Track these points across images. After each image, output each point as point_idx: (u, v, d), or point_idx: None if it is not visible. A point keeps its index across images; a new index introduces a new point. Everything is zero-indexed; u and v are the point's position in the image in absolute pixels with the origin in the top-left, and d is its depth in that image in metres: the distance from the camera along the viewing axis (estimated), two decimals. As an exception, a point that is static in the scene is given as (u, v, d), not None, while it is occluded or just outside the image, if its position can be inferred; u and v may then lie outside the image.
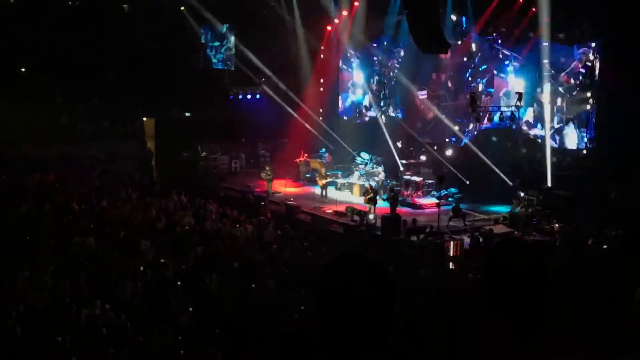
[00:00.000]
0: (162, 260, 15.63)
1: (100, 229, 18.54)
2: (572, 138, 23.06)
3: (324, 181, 25.51)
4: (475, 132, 26.27)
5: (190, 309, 12.51)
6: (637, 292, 3.00)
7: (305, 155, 29.60)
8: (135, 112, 31.56)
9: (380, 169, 26.59)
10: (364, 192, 23.13)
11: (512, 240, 2.52)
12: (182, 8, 31.04)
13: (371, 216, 21.88)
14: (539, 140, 23.99)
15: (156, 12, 29.76)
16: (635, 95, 19.63)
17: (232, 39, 32.63)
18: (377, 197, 22.71)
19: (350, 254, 2.14)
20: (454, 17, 25.40)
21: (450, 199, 23.82)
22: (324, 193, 25.37)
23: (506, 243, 2.49)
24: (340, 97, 32.90)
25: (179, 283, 14.29)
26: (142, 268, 15.41)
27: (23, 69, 30.56)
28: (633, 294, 3.12)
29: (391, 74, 29.53)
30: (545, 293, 2.30)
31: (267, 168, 27.21)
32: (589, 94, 22.01)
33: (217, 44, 33.29)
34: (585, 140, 22.48)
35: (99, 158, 29.07)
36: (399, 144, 28.54)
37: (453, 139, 27.17)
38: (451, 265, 18.89)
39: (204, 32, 32.78)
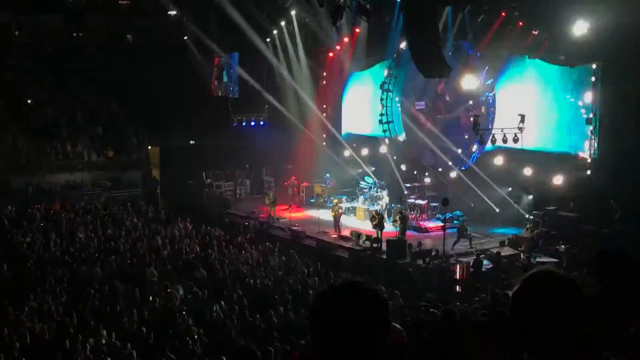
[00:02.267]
0: (168, 290, 15.60)
1: (106, 258, 18.57)
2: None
3: (334, 213, 24.38)
4: (479, 154, 26.28)
5: (196, 337, 12.48)
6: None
7: (293, 177, 29.78)
8: (140, 141, 31.80)
9: (385, 192, 26.59)
10: (370, 217, 23.10)
11: (545, 273, 2.34)
12: (185, 38, 31.36)
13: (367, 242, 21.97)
14: (542, 161, 23.99)
15: (159, 42, 30.08)
16: (637, 113, 19.74)
17: (236, 67, 32.88)
18: (384, 222, 22.66)
19: (345, 282, 2.13)
20: (455, 41, 25.56)
21: (455, 221, 23.80)
22: (338, 225, 24.18)
23: (538, 276, 2.32)
24: (343, 122, 33.04)
25: (184, 311, 14.26)
26: (148, 297, 15.42)
27: (29, 101, 30.86)
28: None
29: (393, 96, 29.61)
30: (579, 326, 2.20)
31: (270, 193, 27.39)
32: (590, 115, 22.06)
33: (220, 72, 33.53)
34: (589, 159, 22.46)
35: (104, 187, 29.26)
36: (403, 167, 28.57)
37: (458, 162, 27.20)
38: (458, 288, 18.83)
39: (207, 61, 33.07)
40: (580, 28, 20.73)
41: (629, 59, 19.77)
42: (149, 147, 32.08)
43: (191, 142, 32.14)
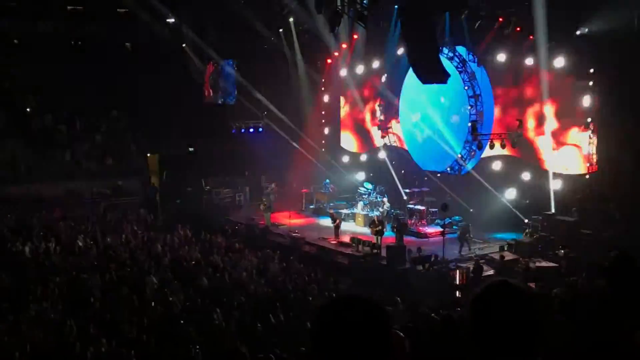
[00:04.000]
0: (170, 299, 15.56)
1: (106, 266, 18.56)
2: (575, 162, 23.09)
3: (333, 222, 24.54)
4: (477, 159, 26.32)
5: (197, 345, 12.46)
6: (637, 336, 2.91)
7: (274, 183, 29.87)
8: (139, 149, 31.80)
9: (385, 199, 26.60)
10: (370, 223, 23.11)
11: (503, 285, 2.36)
12: (184, 45, 31.42)
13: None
14: (541, 166, 24.04)
15: (158, 49, 30.11)
16: (635, 116, 19.83)
17: (234, 74, 32.94)
18: (384, 228, 22.69)
19: (348, 296, 2.15)
20: (452, 47, 25.61)
21: (454, 227, 23.84)
22: (338, 232, 24.24)
23: (496, 287, 2.35)
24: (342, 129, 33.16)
25: (185, 318, 14.25)
26: (148, 304, 15.40)
27: (28, 109, 30.87)
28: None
29: (392, 102, 29.68)
30: (535, 341, 2.25)
31: (264, 199, 27.52)
32: (589, 119, 22.09)
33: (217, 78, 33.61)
34: (588, 164, 22.51)
35: (103, 195, 29.25)
36: (402, 173, 28.60)
37: (455, 167, 27.23)
38: (457, 294, 18.82)
39: (205, 68, 33.14)
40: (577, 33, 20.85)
41: (626, 62, 19.84)
42: (148, 155, 32.09)
43: (190, 149, 32.16)
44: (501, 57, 24.05)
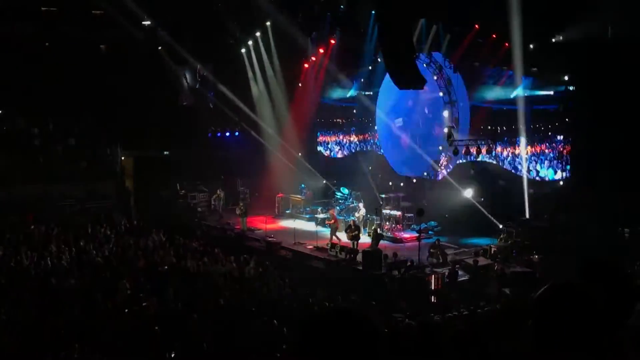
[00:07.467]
0: (144, 304, 15.38)
1: (79, 270, 18.32)
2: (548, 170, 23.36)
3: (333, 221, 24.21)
4: (452, 166, 26.51)
5: (172, 350, 12.35)
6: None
7: (218, 190, 30.13)
8: (113, 152, 31.48)
9: (361, 204, 26.62)
10: (347, 228, 23.11)
11: (567, 285, 2.53)
12: (160, 48, 31.20)
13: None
14: (516, 172, 24.28)
15: (133, 52, 29.87)
16: (609, 126, 20.11)
17: (210, 77, 32.79)
18: (360, 233, 22.72)
19: (338, 310, 2.10)
20: (429, 53, 25.78)
21: (430, 232, 23.92)
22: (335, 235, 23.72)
23: (560, 287, 2.47)
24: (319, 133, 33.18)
25: (160, 323, 14.11)
26: (122, 309, 15.22)
27: (0, 111, 30.40)
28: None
29: (369, 108, 29.80)
30: (600, 337, 2.36)
31: (241, 204, 27.43)
32: (564, 126, 22.40)
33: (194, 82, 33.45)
34: (562, 172, 22.79)
35: (77, 198, 28.88)
36: (378, 178, 28.65)
37: (432, 173, 27.39)
38: (433, 299, 18.89)
39: (181, 71, 32.98)
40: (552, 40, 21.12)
41: (600, 70, 20.14)
42: (123, 158, 31.78)
43: (165, 152, 31.91)
44: (476, 64, 24.27)
